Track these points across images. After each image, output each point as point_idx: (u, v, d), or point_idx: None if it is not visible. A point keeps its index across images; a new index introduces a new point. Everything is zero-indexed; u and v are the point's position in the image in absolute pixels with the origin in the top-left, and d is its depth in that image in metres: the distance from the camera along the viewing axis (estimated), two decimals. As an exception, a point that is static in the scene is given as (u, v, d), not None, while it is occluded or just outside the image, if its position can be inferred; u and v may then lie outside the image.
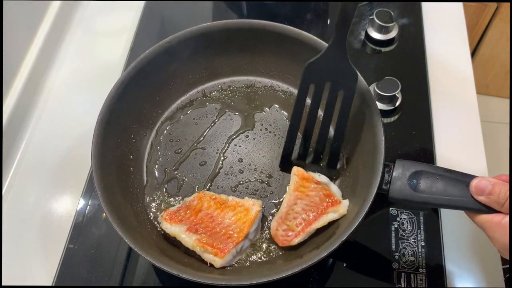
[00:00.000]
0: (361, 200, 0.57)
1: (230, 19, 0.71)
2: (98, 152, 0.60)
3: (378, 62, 0.87)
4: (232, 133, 0.72)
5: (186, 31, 0.69)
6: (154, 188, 0.67)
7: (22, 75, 0.80)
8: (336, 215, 0.60)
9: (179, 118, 0.73)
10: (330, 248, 0.53)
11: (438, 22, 0.92)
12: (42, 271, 0.67)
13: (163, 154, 0.70)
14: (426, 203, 0.55)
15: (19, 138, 0.79)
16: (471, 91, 0.83)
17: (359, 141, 0.65)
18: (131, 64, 0.67)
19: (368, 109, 0.62)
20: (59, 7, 0.90)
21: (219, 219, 0.61)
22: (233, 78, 0.76)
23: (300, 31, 0.69)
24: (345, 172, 0.67)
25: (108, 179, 0.60)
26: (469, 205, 0.53)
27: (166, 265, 0.53)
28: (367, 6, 0.95)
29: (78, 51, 0.91)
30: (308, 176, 0.63)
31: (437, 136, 0.77)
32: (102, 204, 0.56)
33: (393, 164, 0.57)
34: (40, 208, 0.73)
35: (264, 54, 0.73)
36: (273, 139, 0.71)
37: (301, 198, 0.61)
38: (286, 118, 0.73)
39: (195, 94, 0.75)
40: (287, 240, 0.59)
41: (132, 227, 0.58)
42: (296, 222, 0.60)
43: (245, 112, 0.74)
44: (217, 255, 0.57)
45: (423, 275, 0.64)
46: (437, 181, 0.55)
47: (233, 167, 0.69)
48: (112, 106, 0.63)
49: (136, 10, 0.96)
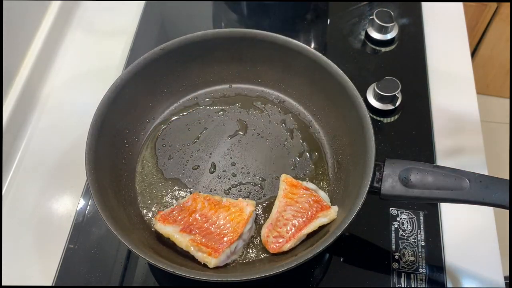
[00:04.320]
0: (354, 198, 0.57)
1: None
2: (92, 155, 0.60)
3: (378, 62, 0.87)
4: (225, 138, 0.72)
5: (181, 39, 0.70)
6: (146, 192, 0.67)
7: (22, 75, 0.80)
8: (326, 219, 0.60)
9: (171, 124, 0.74)
10: (327, 242, 0.54)
11: (438, 22, 0.92)
12: (42, 271, 0.67)
13: (156, 158, 0.70)
14: (418, 198, 0.56)
15: (19, 138, 0.79)
16: (471, 91, 0.83)
17: (350, 143, 0.66)
18: (126, 69, 0.67)
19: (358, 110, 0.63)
20: (59, 7, 0.90)
21: (213, 219, 0.61)
22: (225, 86, 0.77)
23: (291, 40, 0.69)
24: (336, 176, 0.68)
25: (101, 182, 0.60)
26: (460, 198, 0.54)
27: (161, 262, 0.53)
28: (367, 6, 0.95)
29: (78, 51, 0.91)
30: (297, 183, 0.64)
31: (437, 136, 0.77)
32: (96, 205, 0.56)
33: (383, 163, 0.58)
34: (40, 208, 0.73)
35: (256, 62, 0.74)
36: (265, 144, 0.72)
37: (291, 204, 0.62)
38: (278, 124, 0.73)
39: (188, 101, 0.76)
40: (278, 246, 0.59)
41: (126, 228, 0.59)
42: (286, 229, 0.60)
43: (237, 118, 0.74)
44: (211, 255, 0.57)
45: (423, 275, 0.64)
46: (427, 176, 0.56)
47: (226, 171, 0.69)
48: (105, 110, 0.64)
49: (136, 10, 0.96)
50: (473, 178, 0.54)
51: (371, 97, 0.79)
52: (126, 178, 0.67)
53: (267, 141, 0.72)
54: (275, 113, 0.75)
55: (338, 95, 0.67)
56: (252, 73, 0.76)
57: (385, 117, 0.79)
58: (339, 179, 0.67)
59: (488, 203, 0.53)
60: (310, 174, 0.69)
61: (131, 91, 0.68)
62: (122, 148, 0.68)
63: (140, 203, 0.66)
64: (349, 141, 0.67)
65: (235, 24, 0.95)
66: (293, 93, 0.75)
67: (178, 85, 0.75)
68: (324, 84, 0.69)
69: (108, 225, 0.55)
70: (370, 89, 0.80)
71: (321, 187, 0.67)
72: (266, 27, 0.73)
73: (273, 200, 0.65)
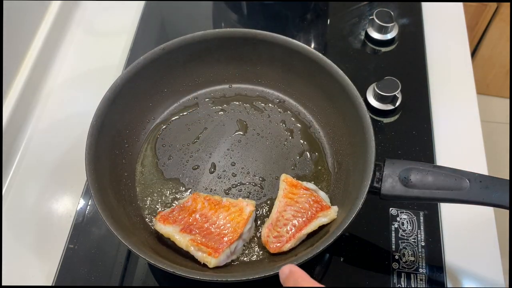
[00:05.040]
0: (354, 198, 0.57)
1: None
2: (92, 155, 0.60)
3: (378, 62, 0.87)
4: (225, 138, 0.72)
5: (181, 39, 0.70)
6: (146, 192, 0.67)
7: (22, 75, 0.80)
8: (326, 219, 0.60)
9: (171, 124, 0.74)
10: (327, 242, 0.53)
11: (438, 22, 0.92)
12: (42, 271, 0.67)
13: (156, 158, 0.70)
14: (418, 198, 0.56)
15: (19, 138, 0.79)
16: (471, 91, 0.83)
17: (350, 143, 0.66)
18: (126, 69, 0.67)
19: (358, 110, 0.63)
20: (59, 7, 0.90)
21: (213, 219, 0.61)
22: (225, 86, 0.77)
23: (291, 40, 0.69)
24: (336, 176, 0.68)
25: (101, 182, 0.60)
26: (460, 198, 0.54)
27: (161, 262, 0.53)
28: (367, 6, 0.95)
29: (78, 51, 0.91)
30: (297, 183, 0.64)
31: (437, 136, 0.77)
32: (96, 205, 0.56)
33: (383, 163, 0.58)
34: (40, 208, 0.73)
35: (256, 62, 0.74)
36: (265, 144, 0.72)
37: (291, 204, 0.62)
38: (278, 124, 0.73)
39: (188, 101, 0.76)
40: (278, 246, 0.59)
41: (126, 228, 0.59)
42: (286, 229, 0.60)
43: (237, 118, 0.74)
44: (211, 255, 0.57)
45: (423, 275, 0.64)
46: (427, 176, 0.56)
47: (226, 171, 0.69)
48: (105, 110, 0.64)
49: (136, 10, 0.96)
50: (473, 178, 0.54)
51: (371, 97, 0.79)
52: (126, 178, 0.67)
53: (267, 141, 0.72)
54: (275, 113, 0.75)
55: (338, 95, 0.67)
56: (252, 73, 0.76)
57: (385, 117, 0.79)
58: (339, 179, 0.67)
59: (488, 203, 0.53)
60: (310, 174, 0.69)
61: (131, 91, 0.68)
62: (122, 148, 0.68)
63: (140, 203, 0.66)
64: (349, 141, 0.67)
65: (235, 24, 0.95)
66: (293, 93, 0.75)
67: (178, 85, 0.75)
68: (324, 84, 0.69)
69: (108, 225, 0.55)
70: (370, 89, 0.80)
71: (321, 187, 0.67)
72: (266, 27, 0.73)
73: (273, 200, 0.65)
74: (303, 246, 0.60)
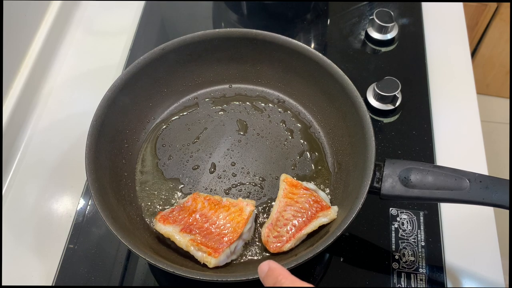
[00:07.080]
0: (354, 198, 0.57)
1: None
2: (92, 155, 0.60)
3: (378, 62, 0.87)
4: (225, 138, 0.72)
5: (181, 39, 0.70)
6: (146, 192, 0.67)
7: (22, 75, 0.80)
8: (326, 219, 0.60)
9: (171, 123, 0.74)
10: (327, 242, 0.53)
11: (438, 22, 0.92)
12: (42, 271, 0.67)
13: (156, 158, 0.70)
14: (418, 198, 0.56)
15: (19, 138, 0.79)
16: (471, 91, 0.83)
17: (350, 143, 0.66)
18: (126, 69, 0.67)
19: (358, 110, 0.63)
20: (59, 7, 0.90)
21: (213, 219, 0.61)
22: (225, 86, 0.77)
23: (291, 40, 0.69)
24: (336, 176, 0.68)
25: (101, 182, 0.60)
26: (460, 198, 0.54)
27: (161, 262, 0.53)
28: (367, 6, 0.95)
29: (78, 51, 0.91)
30: (297, 183, 0.64)
31: (437, 136, 0.77)
32: (96, 205, 0.56)
33: (383, 163, 0.58)
34: (40, 208, 0.73)
35: (256, 62, 0.74)
36: (265, 144, 0.72)
37: (291, 204, 0.62)
38: (278, 124, 0.73)
39: (188, 101, 0.76)
40: (278, 246, 0.59)
41: (126, 228, 0.59)
42: (286, 229, 0.60)
43: (237, 118, 0.74)
44: (211, 255, 0.57)
45: (423, 275, 0.64)
46: (427, 176, 0.56)
47: (226, 171, 0.69)
48: (105, 110, 0.64)
49: (136, 10, 0.96)
50: (473, 178, 0.54)
51: (371, 97, 0.80)
52: (126, 178, 0.67)
53: (267, 141, 0.72)
54: (275, 113, 0.75)
55: (338, 95, 0.67)
56: (252, 73, 0.76)
57: (385, 117, 0.79)
58: (339, 179, 0.67)
59: (488, 203, 0.53)
60: (310, 174, 0.69)
61: (131, 91, 0.68)
62: (122, 148, 0.68)
63: (140, 203, 0.66)
64: (349, 141, 0.67)
65: (235, 24, 0.95)
66: (293, 93, 0.75)
67: (178, 85, 0.75)
68: (324, 84, 0.69)
69: (108, 225, 0.55)
70: (370, 89, 0.80)
71: (321, 187, 0.67)
72: (266, 27, 0.73)
73: (273, 200, 0.65)
74: (303, 246, 0.60)
